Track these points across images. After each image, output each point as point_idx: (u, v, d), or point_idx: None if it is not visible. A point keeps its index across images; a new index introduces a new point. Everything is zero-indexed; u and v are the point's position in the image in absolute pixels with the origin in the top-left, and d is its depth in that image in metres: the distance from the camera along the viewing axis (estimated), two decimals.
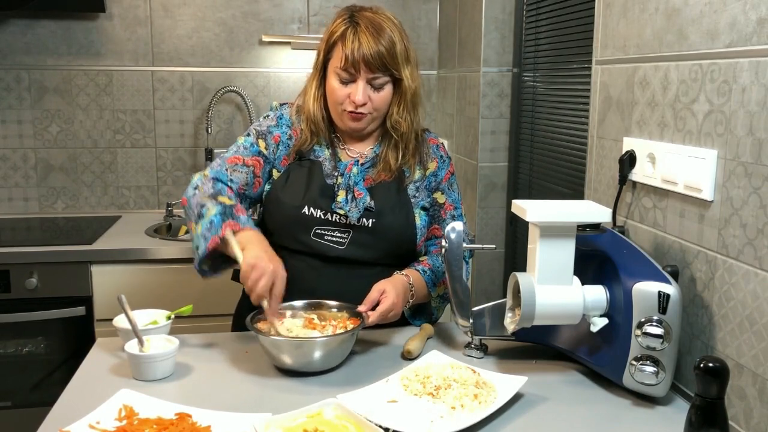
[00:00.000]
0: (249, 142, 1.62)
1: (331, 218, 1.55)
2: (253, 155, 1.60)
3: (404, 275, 1.54)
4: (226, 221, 1.43)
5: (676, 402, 1.26)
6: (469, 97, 2.63)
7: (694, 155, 1.23)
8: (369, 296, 1.45)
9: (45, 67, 2.79)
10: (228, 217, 1.44)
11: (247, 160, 1.60)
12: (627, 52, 1.47)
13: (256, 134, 1.63)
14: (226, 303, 1.80)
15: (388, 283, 1.48)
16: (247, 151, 1.61)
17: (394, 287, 1.47)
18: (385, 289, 1.46)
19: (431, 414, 1.15)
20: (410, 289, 1.52)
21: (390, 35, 1.52)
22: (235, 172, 1.58)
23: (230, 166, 1.59)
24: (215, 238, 1.42)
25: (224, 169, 1.58)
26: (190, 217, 1.52)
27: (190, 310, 1.57)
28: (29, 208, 2.86)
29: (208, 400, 1.23)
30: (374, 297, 1.45)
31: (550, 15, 2.24)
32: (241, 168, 1.59)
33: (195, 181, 1.57)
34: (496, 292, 2.58)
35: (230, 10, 2.91)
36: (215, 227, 1.43)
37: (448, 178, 1.67)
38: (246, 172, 1.59)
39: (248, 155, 1.60)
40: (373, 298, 1.44)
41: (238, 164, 1.59)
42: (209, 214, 1.46)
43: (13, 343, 2.38)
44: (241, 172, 1.59)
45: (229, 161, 1.59)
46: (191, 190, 1.56)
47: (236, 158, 1.60)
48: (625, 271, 1.25)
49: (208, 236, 1.44)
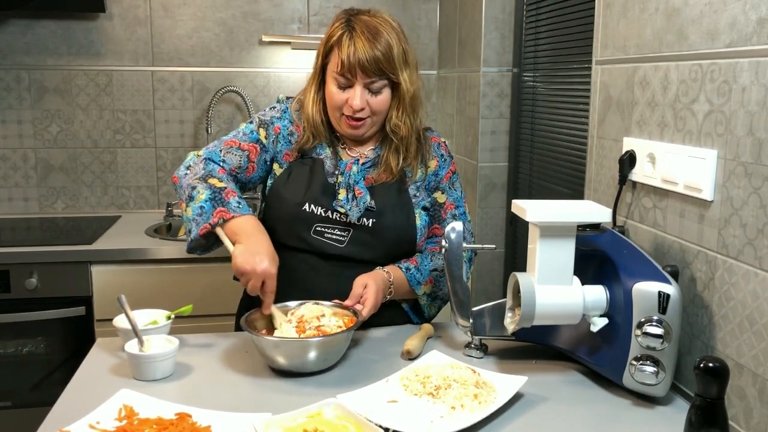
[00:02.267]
0: (249, 129, 1.64)
1: (332, 216, 1.56)
2: (251, 141, 1.62)
3: (385, 272, 1.56)
4: (217, 208, 1.45)
5: (676, 402, 1.26)
6: (469, 97, 2.63)
7: (694, 155, 1.23)
8: (353, 291, 1.48)
9: (45, 67, 2.79)
10: (218, 204, 1.46)
11: (243, 144, 1.61)
12: (627, 52, 1.47)
13: (259, 122, 1.64)
14: (226, 303, 1.80)
15: (368, 277, 1.52)
16: (246, 137, 1.62)
17: (375, 281, 1.50)
18: (367, 283, 1.49)
19: (431, 414, 1.15)
20: (390, 285, 1.55)
21: (387, 39, 1.51)
22: (228, 154, 1.60)
23: (225, 148, 1.61)
24: (206, 225, 1.45)
25: (218, 150, 1.61)
26: (181, 197, 1.55)
27: (190, 310, 1.57)
28: (29, 208, 2.86)
29: (208, 400, 1.23)
30: (358, 292, 1.48)
31: (550, 15, 2.24)
32: (235, 151, 1.60)
33: (188, 161, 1.60)
34: (496, 292, 2.58)
35: (230, 10, 2.91)
36: (206, 213, 1.46)
37: (450, 176, 1.67)
38: (240, 155, 1.60)
39: (246, 140, 1.62)
40: (357, 293, 1.48)
41: (233, 147, 1.61)
42: (199, 198, 1.48)
43: (13, 343, 2.38)
44: (235, 155, 1.60)
45: (225, 143, 1.62)
46: (183, 169, 1.58)
47: (233, 141, 1.62)
48: (625, 271, 1.25)
49: (200, 221, 1.46)
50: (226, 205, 1.46)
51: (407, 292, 1.60)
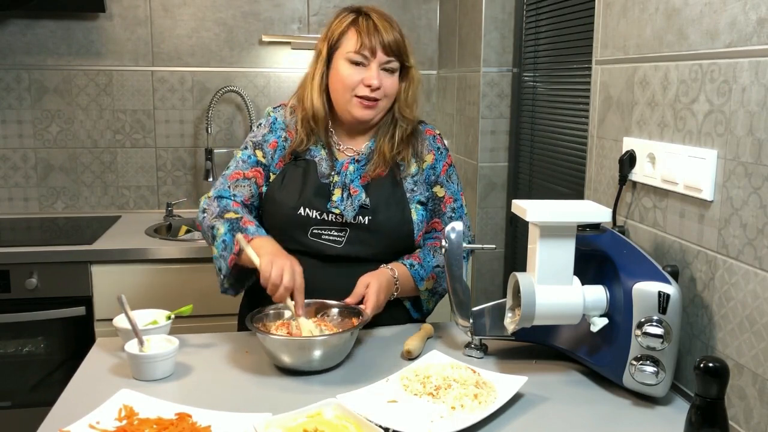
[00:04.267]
0: (246, 155, 1.64)
1: (328, 218, 1.56)
2: (253, 167, 1.62)
3: (389, 269, 1.56)
4: (237, 235, 1.47)
5: (676, 402, 1.26)
6: (469, 97, 2.63)
7: (694, 155, 1.23)
8: (355, 290, 1.48)
9: (45, 67, 2.79)
10: (236, 231, 1.48)
11: (247, 172, 1.62)
12: (627, 52, 1.47)
13: (253, 146, 1.65)
14: (227, 303, 1.80)
15: (372, 276, 1.51)
16: (246, 164, 1.63)
17: (378, 280, 1.50)
18: (370, 282, 1.49)
19: (431, 414, 1.15)
20: (395, 282, 1.55)
21: (398, 27, 1.60)
22: (237, 187, 1.61)
23: (231, 182, 1.61)
24: (232, 256, 1.48)
25: (226, 186, 1.61)
26: (208, 242, 1.58)
27: (190, 310, 1.57)
28: (29, 208, 2.86)
29: (208, 400, 1.23)
30: (360, 291, 1.48)
31: (550, 15, 2.24)
32: (242, 182, 1.61)
33: (202, 205, 1.61)
34: (496, 292, 2.58)
35: (230, 10, 2.91)
36: (229, 245, 1.49)
37: (446, 169, 1.68)
38: (248, 184, 1.61)
39: (247, 168, 1.62)
40: (359, 292, 1.48)
41: (239, 179, 1.61)
42: (220, 234, 1.51)
43: (13, 343, 2.38)
44: (244, 186, 1.61)
45: (229, 178, 1.62)
46: (200, 214, 1.60)
47: (236, 174, 1.62)
48: (625, 271, 1.25)
49: (226, 255, 1.49)
50: (245, 231, 1.49)
51: (412, 289, 1.60)
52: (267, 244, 1.46)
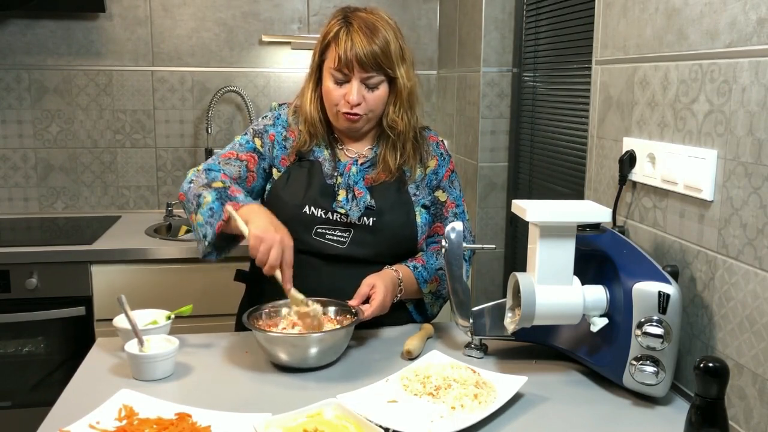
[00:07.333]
0: (245, 140, 1.65)
1: (332, 217, 1.56)
2: (248, 151, 1.63)
3: (394, 270, 1.55)
4: (225, 203, 1.46)
5: (676, 402, 1.26)
6: (469, 97, 2.63)
7: (694, 155, 1.23)
8: (359, 291, 1.47)
9: (45, 67, 2.79)
10: (225, 199, 1.47)
11: (241, 155, 1.62)
12: (627, 52, 1.47)
13: (253, 133, 1.65)
14: (227, 303, 1.80)
15: (377, 277, 1.50)
16: (242, 148, 1.63)
17: (383, 281, 1.49)
18: (375, 283, 1.48)
19: (431, 414, 1.15)
20: (399, 284, 1.54)
21: (384, 34, 1.53)
22: (227, 165, 1.61)
23: (223, 160, 1.62)
24: (220, 222, 1.45)
25: (217, 162, 1.61)
26: (189, 210, 1.54)
27: (190, 310, 1.57)
28: (29, 208, 2.86)
29: (208, 400, 1.23)
30: (364, 292, 1.47)
31: (550, 15, 2.24)
32: (234, 162, 1.61)
33: (189, 176, 1.60)
34: (496, 292, 2.58)
35: (230, 10, 2.91)
36: (217, 213, 1.46)
37: (449, 175, 1.68)
38: (239, 165, 1.61)
39: (243, 151, 1.63)
40: (364, 292, 1.47)
41: (231, 158, 1.62)
42: (206, 201, 1.48)
43: (13, 343, 2.38)
44: (234, 165, 1.61)
45: (222, 156, 1.63)
46: (186, 184, 1.58)
47: (230, 153, 1.63)
48: (625, 271, 1.25)
49: (213, 222, 1.46)
50: (234, 199, 1.47)
51: (416, 291, 1.60)
52: (256, 210, 1.44)
